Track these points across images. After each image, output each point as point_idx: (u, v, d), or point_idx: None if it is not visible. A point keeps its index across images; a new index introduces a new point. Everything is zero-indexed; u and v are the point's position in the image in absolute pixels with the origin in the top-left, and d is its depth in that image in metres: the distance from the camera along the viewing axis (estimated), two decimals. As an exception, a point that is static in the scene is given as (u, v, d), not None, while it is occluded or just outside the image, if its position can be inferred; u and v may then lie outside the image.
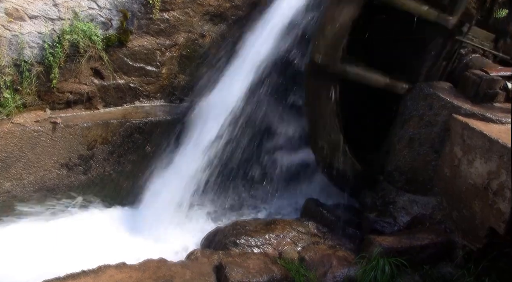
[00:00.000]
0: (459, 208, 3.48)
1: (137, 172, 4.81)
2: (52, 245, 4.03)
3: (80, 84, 4.49)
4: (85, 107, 4.63)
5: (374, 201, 4.12)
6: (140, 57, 4.64)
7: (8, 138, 4.16)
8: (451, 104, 3.65)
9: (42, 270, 3.26)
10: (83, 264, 3.10)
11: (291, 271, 3.31)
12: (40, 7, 4.10)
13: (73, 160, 4.53)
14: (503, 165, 3.09)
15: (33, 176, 4.40)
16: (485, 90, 3.71)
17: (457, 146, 3.52)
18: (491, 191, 3.17)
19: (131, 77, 4.69)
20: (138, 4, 4.41)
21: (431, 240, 3.43)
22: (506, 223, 3.06)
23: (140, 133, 4.69)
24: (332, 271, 3.31)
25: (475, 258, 3.29)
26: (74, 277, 2.96)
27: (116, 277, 3.00)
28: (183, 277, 3.11)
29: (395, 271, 3.18)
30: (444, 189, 3.67)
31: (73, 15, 4.20)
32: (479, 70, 3.87)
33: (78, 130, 4.44)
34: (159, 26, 4.58)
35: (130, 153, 4.73)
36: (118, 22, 4.42)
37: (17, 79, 4.18)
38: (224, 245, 3.72)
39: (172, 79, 4.89)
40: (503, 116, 3.53)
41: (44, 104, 4.43)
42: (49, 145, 4.35)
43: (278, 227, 3.89)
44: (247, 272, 3.16)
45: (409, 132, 3.89)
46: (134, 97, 4.81)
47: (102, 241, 4.15)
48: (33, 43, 4.18)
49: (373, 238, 3.46)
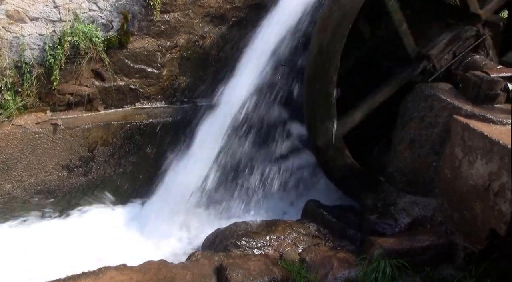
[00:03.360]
0: (460, 209, 3.47)
1: (138, 173, 4.82)
2: (52, 246, 4.03)
3: (81, 86, 4.50)
4: (86, 109, 4.64)
5: (375, 202, 4.11)
6: (140, 58, 4.65)
7: (9, 140, 4.17)
8: (452, 105, 3.64)
9: (42, 271, 3.27)
10: (83, 266, 3.10)
11: (292, 272, 3.30)
12: (41, 9, 4.11)
13: (74, 162, 4.54)
14: (504, 166, 3.07)
15: (34, 178, 4.40)
16: (486, 92, 3.69)
17: (458, 147, 3.51)
18: (492, 192, 3.16)
19: (131, 79, 4.70)
20: (138, 6, 4.42)
21: (432, 242, 3.41)
22: (508, 225, 3.04)
23: (141, 135, 4.69)
24: (333, 273, 3.30)
25: (476, 260, 3.27)
26: (74, 278, 2.96)
27: (116, 278, 3.00)
28: (184, 278, 3.10)
29: (396, 272, 3.17)
30: (445, 190, 3.66)
31: (73, 17, 4.21)
32: (480, 71, 3.87)
33: (79, 132, 4.44)
34: (159, 27, 4.59)
35: (131, 154, 4.73)
36: (119, 24, 4.42)
37: (18, 81, 4.19)
38: (225, 247, 3.72)
39: (172, 81, 4.89)
40: (504, 117, 3.52)
41: (45, 106, 4.44)
42: (50, 146, 4.36)
43: (279, 228, 3.88)
44: (248, 273, 3.15)
45: (410, 133, 3.88)
46: (135, 99, 4.82)
47: (103, 243, 4.15)
48: (34, 45, 4.19)
49: (374, 239, 3.44)
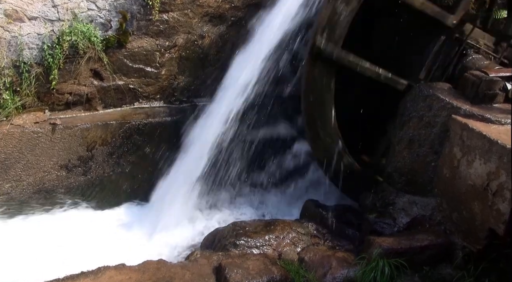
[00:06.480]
0: (459, 209, 3.47)
1: (137, 173, 4.81)
2: (51, 246, 4.03)
3: (80, 86, 4.49)
4: (85, 109, 4.63)
5: (373, 202, 4.12)
6: (139, 58, 4.64)
7: (8, 140, 4.16)
8: (450, 105, 3.65)
9: (41, 271, 3.26)
10: (82, 265, 3.09)
11: (290, 272, 3.30)
12: (39, 8, 4.10)
13: (73, 161, 4.53)
14: (503, 166, 3.08)
15: (33, 177, 4.40)
16: (484, 91, 3.71)
17: (457, 146, 3.51)
18: (490, 192, 3.17)
19: (130, 79, 4.69)
20: (137, 6, 4.41)
21: (430, 241, 3.42)
22: (506, 224, 3.05)
23: (140, 134, 4.69)
24: (332, 272, 3.30)
25: (474, 259, 3.28)
26: (73, 278, 2.96)
27: (115, 278, 3.00)
28: (183, 278, 3.10)
29: (394, 272, 3.18)
30: (444, 190, 3.66)
31: (72, 16, 4.20)
32: (478, 71, 3.87)
33: (77, 131, 4.43)
34: (158, 27, 4.58)
35: (129, 154, 4.73)
36: (118, 23, 4.42)
37: (17, 80, 4.18)
38: (224, 246, 3.72)
39: (171, 81, 4.88)
40: (503, 117, 3.53)
41: (44, 106, 4.43)
42: (49, 146, 4.35)
43: (278, 228, 3.88)
44: (246, 273, 3.15)
45: (408, 133, 3.89)
46: (133, 98, 4.81)
47: (101, 242, 4.15)
48: (33, 44, 4.18)
49: (372, 239, 3.45)
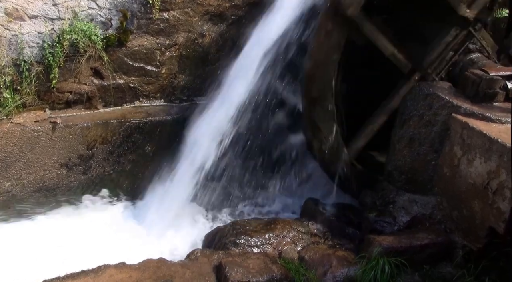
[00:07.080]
0: (459, 207, 3.47)
1: (137, 171, 4.81)
2: (51, 244, 4.02)
3: (80, 84, 4.49)
4: (85, 107, 4.63)
5: (374, 200, 4.12)
6: (140, 57, 4.64)
7: (8, 138, 4.16)
8: (451, 103, 3.64)
9: (42, 269, 3.26)
10: (82, 264, 3.10)
11: (291, 270, 3.30)
12: (39, 7, 4.11)
13: (73, 160, 4.53)
14: (503, 165, 3.08)
15: (33, 176, 4.40)
16: (485, 90, 3.70)
17: (457, 145, 3.51)
18: (491, 190, 3.16)
19: (131, 77, 4.69)
20: (138, 4, 4.42)
21: (431, 240, 3.42)
22: (506, 223, 3.05)
23: (140, 133, 4.69)
24: (332, 271, 3.31)
25: (475, 258, 3.28)
26: (73, 277, 2.96)
27: (116, 277, 3.00)
28: (183, 276, 3.10)
29: (395, 270, 3.18)
30: (444, 188, 3.66)
31: (72, 15, 4.20)
32: (479, 69, 3.87)
33: (77, 130, 4.44)
34: (158, 26, 4.58)
35: (130, 152, 4.73)
36: (118, 22, 4.42)
37: (17, 79, 4.19)
38: (224, 245, 3.72)
39: (172, 79, 4.89)
40: (503, 116, 3.52)
41: (44, 104, 4.44)
42: (49, 144, 4.35)
43: (278, 226, 3.88)
44: (247, 271, 3.15)
45: (409, 132, 3.89)
46: (134, 97, 4.82)
47: (102, 241, 4.15)
48: (33, 43, 4.18)
49: (373, 237, 3.45)
